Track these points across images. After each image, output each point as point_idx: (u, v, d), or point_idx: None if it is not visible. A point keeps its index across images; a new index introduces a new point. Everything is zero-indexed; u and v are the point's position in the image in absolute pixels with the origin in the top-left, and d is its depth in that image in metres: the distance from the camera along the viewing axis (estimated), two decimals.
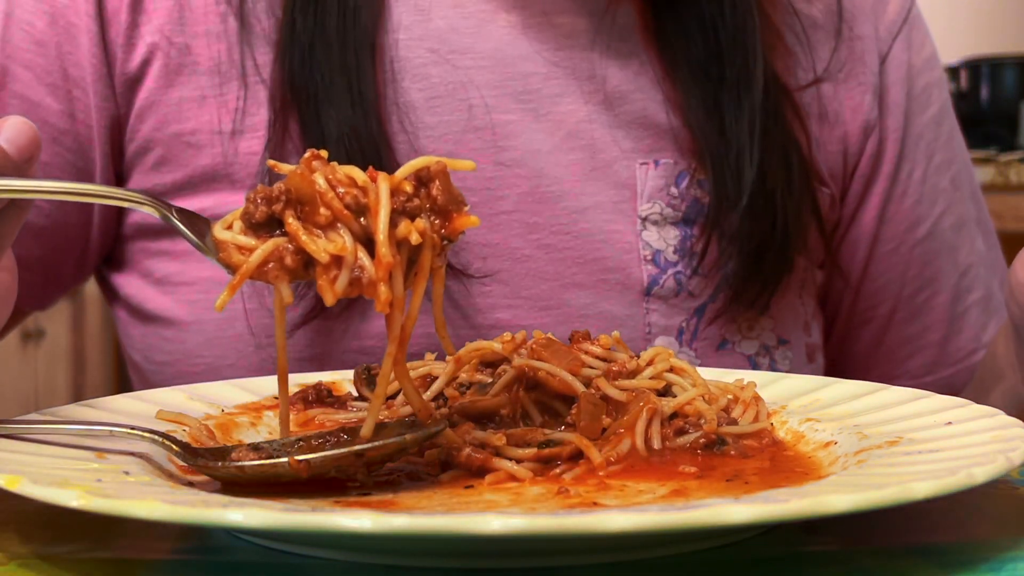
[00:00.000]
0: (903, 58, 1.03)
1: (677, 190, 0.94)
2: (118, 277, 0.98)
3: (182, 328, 0.93)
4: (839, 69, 1.01)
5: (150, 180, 0.93)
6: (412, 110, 0.91)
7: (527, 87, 0.93)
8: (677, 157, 0.94)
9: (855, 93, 1.01)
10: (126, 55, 0.92)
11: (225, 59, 0.92)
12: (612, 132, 0.94)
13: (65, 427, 0.63)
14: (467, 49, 0.93)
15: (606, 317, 0.92)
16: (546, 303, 0.92)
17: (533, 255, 0.92)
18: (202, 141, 0.92)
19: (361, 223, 0.58)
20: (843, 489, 0.51)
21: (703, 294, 0.94)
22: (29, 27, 0.92)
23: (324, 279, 0.57)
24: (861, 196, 1.03)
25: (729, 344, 0.96)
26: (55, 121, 0.92)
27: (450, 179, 0.61)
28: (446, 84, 0.92)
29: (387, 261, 0.57)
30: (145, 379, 0.98)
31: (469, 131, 0.92)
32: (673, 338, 0.94)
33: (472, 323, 0.91)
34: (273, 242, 0.58)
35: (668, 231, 0.94)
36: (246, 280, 0.58)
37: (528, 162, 0.93)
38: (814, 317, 1.02)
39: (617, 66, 0.95)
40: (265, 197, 0.58)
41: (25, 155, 0.62)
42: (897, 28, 1.03)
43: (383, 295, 0.57)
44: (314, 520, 0.46)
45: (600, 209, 0.93)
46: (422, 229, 0.59)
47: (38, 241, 0.94)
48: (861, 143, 1.02)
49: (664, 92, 0.95)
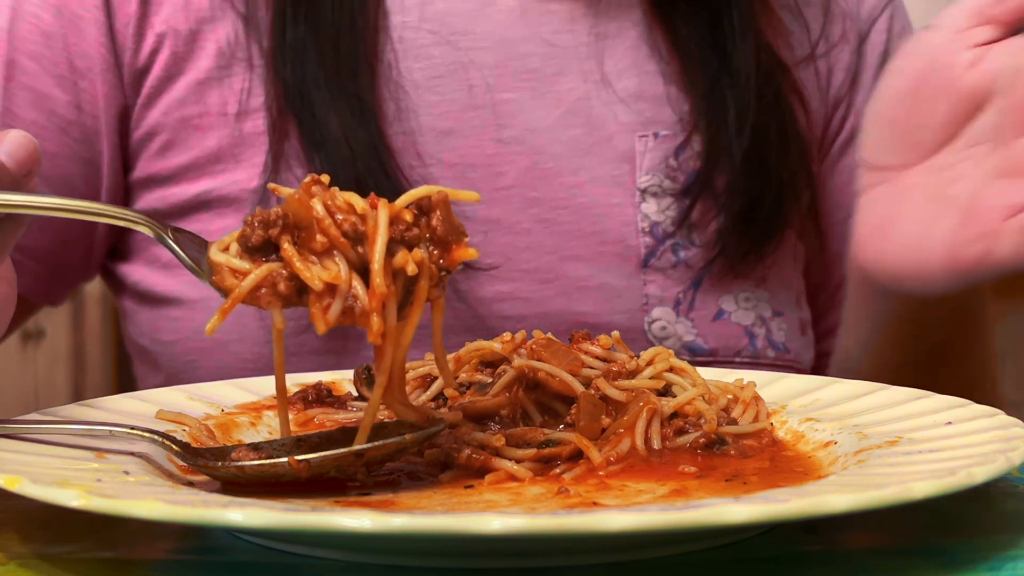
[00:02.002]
0: (881, 38, 1.05)
1: (676, 161, 0.96)
2: (124, 267, 0.99)
3: (190, 306, 0.95)
4: (830, 46, 1.03)
5: (156, 165, 0.95)
6: (414, 88, 0.93)
7: (526, 66, 0.96)
8: (676, 129, 0.97)
9: (840, 69, 1.04)
10: (136, 46, 0.93)
11: (230, 41, 0.93)
12: (611, 107, 0.96)
13: (65, 427, 0.63)
14: (467, 31, 0.96)
15: (604, 288, 0.95)
16: (545, 275, 0.94)
17: (532, 229, 0.94)
18: (209, 123, 0.93)
19: (358, 251, 0.57)
20: (843, 489, 0.51)
21: (699, 264, 0.96)
22: (36, 19, 0.93)
23: (317, 307, 0.57)
24: (831, 169, 1.05)
25: (725, 314, 0.97)
26: (62, 112, 0.93)
27: (451, 209, 0.60)
28: (447, 64, 0.95)
29: (381, 292, 0.56)
30: (152, 362, 0.99)
31: (469, 109, 0.94)
32: (670, 308, 0.95)
33: (474, 295, 0.93)
34: (267, 267, 0.58)
35: (667, 203, 0.96)
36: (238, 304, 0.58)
37: (527, 139, 0.95)
38: (804, 293, 1.04)
39: (615, 43, 0.97)
40: (262, 221, 0.58)
41: (24, 169, 0.62)
42: (878, 12, 1.05)
43: (375, 326, 0.57)
44: (314, 520, 0.46)
45: (599, 183, 0.96)
46: (419, 259, 0.58)
47: (44, 232, 0.95)
48: (830, 116, 1.05)
49: (662, 64, 0.98)
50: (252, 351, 0.91)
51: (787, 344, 0.99)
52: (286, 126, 0.92)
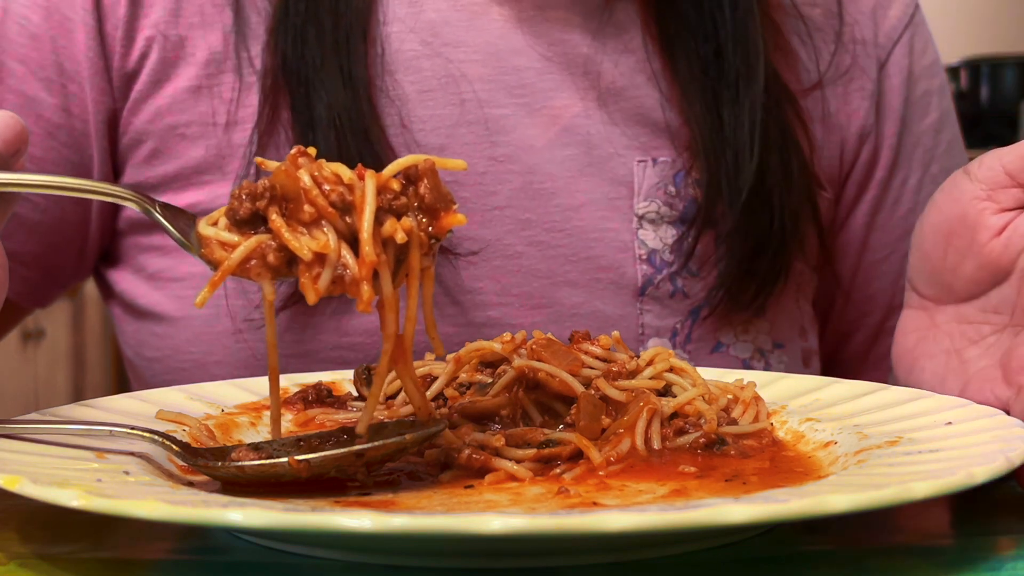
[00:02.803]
0: (903, 63, 1.02)
1: (675, 188, 0.93)
2: (113, 273, 0.98)
3: (171, 323, 0.93)
4: (839, 74, 1.00)
5: (142, 174, 0.93)
6: (405, 103, 0.91)
7: (521, 81, 0.93)
8: (674, 155, 0.94)
9: (854, 98, 1.01)
10: (125, 49, 0.92)
11: (220, 51, 0.92)
12: (608, 128, 0.93)
13: (65, 427, 0.63)
14: (460, 42, 0.92)
15: (599, 317, 0.92)
16: (537, 301, 0.91)
17: (525, 252, 0.92)
18: (195, 133, 0.92)
19: (346, 221, 0.58)
20: (843, 489, 0.51)
21: (698, 295, 0.93)
22: (24, 22, 0.92)
23: (307, 277, 0.57)
24: (853, 202, 1.02)
25: (723, 347, 0.95)
26: (50, 116, 0.92)
27: (439, 177, 0.60)
28: (438, 77, 0.92)
29: (370, 260, 0.57)
30: (138, 375, 0.98)
31: (461, 125, 0.91)
32: (667, 339, 0.93)
33: (463, 320, 0.91)
34: (256, 239, 0.58)
35: (664, 230, 0.93)
36: (228, 276, 0.58)
37: (521, 157, 0.92)
38: (811, 323, 1.01)
39: (613, 61, 0.94)
40: (250, 193, 0.58)
41: (11, 148, 0.62)
42: (898, 34, 1.02)
43: (365, 294, 0.57)
44: (314, 520, 0.46)
45: (595, 206, 0.93)
46: (408, 227, 0.58)
47: (34, 237, 0.94)
48: (856, 149, 1.01)
49: (662, 88, 0.94)
50: (232, 374, 0.88)
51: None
52: (278, 101, 0.90)
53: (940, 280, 0.74)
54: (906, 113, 1.02)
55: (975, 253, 0.71)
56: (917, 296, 0.76)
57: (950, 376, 0.72)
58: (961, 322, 0.73)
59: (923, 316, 0.76)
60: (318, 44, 0.89)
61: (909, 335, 0.76)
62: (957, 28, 3.85)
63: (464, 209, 0.90)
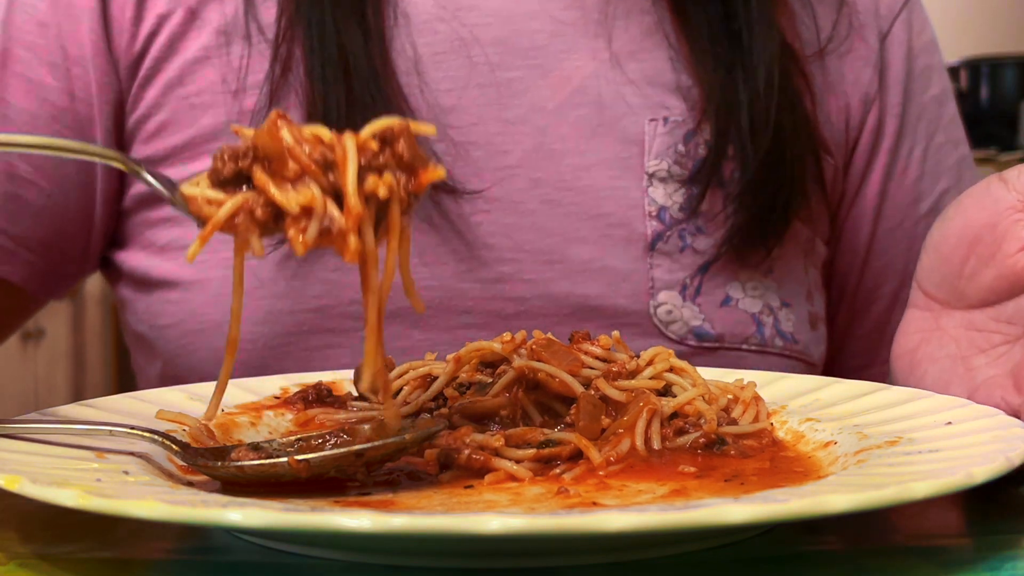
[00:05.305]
0: (903, 37, 1.04)
1: (685, 148, 0.95)
2: (121, 254, 0.99)
3: (186, 288, 0.94)
4: (841, 40, 1.02)
5: (150, 147, 0.94)
6: (418, 62, 0.93)
7: (533, 44, 0.95)
8: (686, 115, 0.95)
9: (856, 65, 1.03)
10: (134, 30, 0.93)
11: (232, 19, 0.93)
12: (619, 89, 0.95)
13: (65, 427, 0.63)
14: (473, 6, 0.95)
15: (610, 271, 0.93)
16: (549, 257, 0.93)
17: (538, 209, 0.93)
18: (206, 101, 0.93)
19: (329, 179, 0.58)
20: (843, 489, 0.51)
21: (707, 252, 0.95)
22: (32, 9, 0.93)
23: (294, 230, 0.58)
24: (863, 172, 1.04)
25: (732, 301, 0.96)
26: (55, 99, 0.93)
27: (414, 137, 0.61)
28: (451, 40, 0.94)
29: (357, 211, 0.57)
30: (149, 348, 0.99)
31: (473, 87, 0.93)
32: (676, 292, 0.94)
33: (476, 277, 0.92)
34: (243, 195, 0.58)
35: (674, 188, 0.95)
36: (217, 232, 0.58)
37: (533, 119, 0.94)
38: (818, 289, 1.03)
39: (626, 23, 0.96)
40: (232, 154, 0.59)
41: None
42: (898, 9, 1.04)
43: (352, 244, 0.57)
44: (314, 520, 0.46)
45: (605, 165, 0.94)
46: (389, 183, 0.59)
47: (40, 221, 0.95)
48: (862, 115, 1.03)
49: (675, 48, 0.96)
50: (248, 331, 0.90)
51: (795, 335, 0.98)
52: (290, 63, 0.91)
53: (953, 285, 0.73)
54: (908, 85, 1.04)
55: (998, 263, 0.71)
56: (924, 296, 0.76)
57: (955, 382, 0.71)
58: (970, 329, 0.73)
59: (928, 318, 0.76)
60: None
61: (912, 336, 0.76)
62: (957, 28, 3.85)
63: (477, 168, 0.92)
